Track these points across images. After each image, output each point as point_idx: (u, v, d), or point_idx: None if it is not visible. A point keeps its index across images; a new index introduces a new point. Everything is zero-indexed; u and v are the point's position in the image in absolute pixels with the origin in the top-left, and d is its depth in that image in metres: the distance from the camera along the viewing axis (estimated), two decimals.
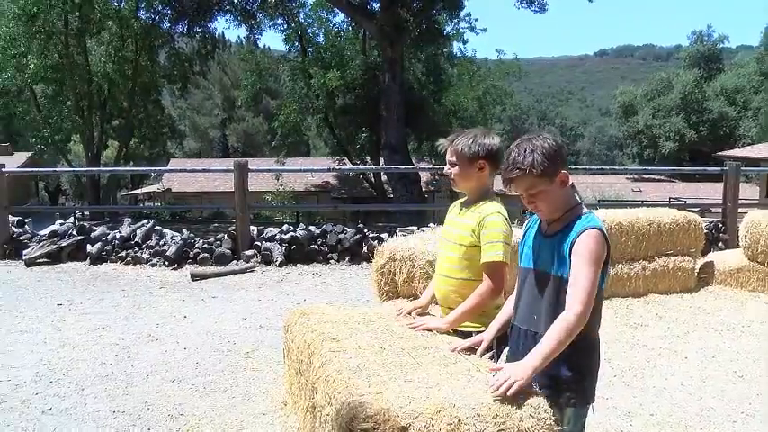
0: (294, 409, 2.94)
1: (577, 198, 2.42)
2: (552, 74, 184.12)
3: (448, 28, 28.47)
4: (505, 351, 2.58)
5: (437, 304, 3.05)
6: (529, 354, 2.19)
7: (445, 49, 29.92)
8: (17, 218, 10.27)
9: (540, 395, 2.11)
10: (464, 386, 2.12)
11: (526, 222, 2.62)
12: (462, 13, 28.06)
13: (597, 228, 2.29)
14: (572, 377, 2.31)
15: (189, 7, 25.32)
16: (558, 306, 2.32)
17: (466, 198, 3.01)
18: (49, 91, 28.78)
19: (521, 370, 2.11)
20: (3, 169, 9.89)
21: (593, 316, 2.27)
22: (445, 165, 2.96)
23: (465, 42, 32.35)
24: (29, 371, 4.97)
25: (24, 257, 8.97)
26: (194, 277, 8.16)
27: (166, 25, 27.66)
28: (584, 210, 2.39)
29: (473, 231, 2.83)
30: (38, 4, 23.94)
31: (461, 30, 29.90)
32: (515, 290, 2.56)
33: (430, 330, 2.82)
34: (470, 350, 2.58)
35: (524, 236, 2.57)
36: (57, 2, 24.59)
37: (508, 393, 2.04)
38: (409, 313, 3.01)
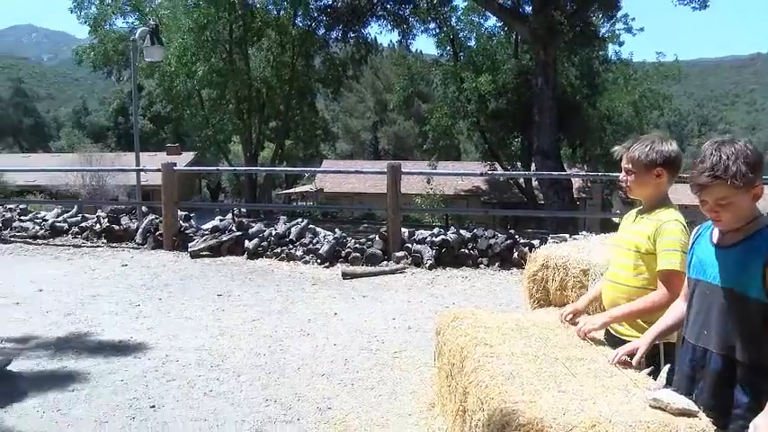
0: (442, 411, 2.95)
1: (758, 209, 2.23)
2: (716, 75, 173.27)
3: (603, 30, 27.52)
4: (665, 369, 2.45)
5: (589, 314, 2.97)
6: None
7: (600, 52, 28.92)
8: (184, 213, 11.02)
9: (702, 418, 1.99)
10: (621, 402, 2.04)
11: (695, 230, 2.46)
12: (619, 14, 27.06)
13: None
14: (748, 404, 2.09)
15: (343, 14, 26.14)
16: (733, 326, 2.16)
17: (641, 206, 2.92)
18: (213, 95, 30.72)
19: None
20: (174, 168, 10.68)
21: None
22: (620, 172, 2.90)
23: (621, 44, 31.05)
24: (193, 354, 5.33)
25: (190, 249, 9.62)
26: (345, 276, 8.37)
27: (322, 31, 28.76)
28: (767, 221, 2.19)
29: (648, 238, 2.74)
30: (207, 16, 25.70)
31: (617, 31, 28.83)
32: (686, 302, 2.41)
33: (587, 334, 2.75)
34: (625, 363, 2.48)
35: (693, 244, 2.41)
36: (223, 13, 26.27)
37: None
38: (571, 317, 2.94)
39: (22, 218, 11.48)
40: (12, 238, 10.79)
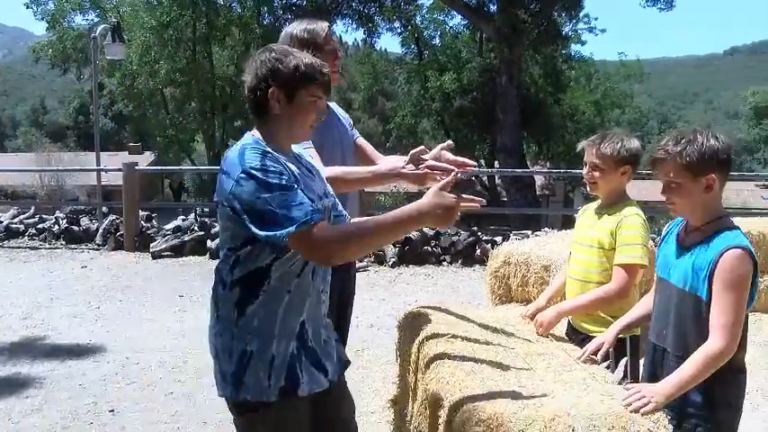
0: (404, 408, 2.94)
1: (724, 209, 2.25)
2: (676, 74, 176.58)
3: (566, 29, 27.85)
4: (623, 361, 2.48)
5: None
6: (666, 379, 2.07)
7: (563, 51, 29.26)
8: (146, 213, 10.89)
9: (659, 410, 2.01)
10: (579, 395, 2.05)
11: (666, 228, 2.48)
12: (581, 14, 27.41)
13: (741, 247, 2.09)
14: (702, 404, 2.15)
15: (308, 12, 26.03)
16: (687, 327, 2.20)
17: (600, 202, 2.94)
18: (176, 94, 30.38)
19: (657, 393, 1.99)
20: (135, 167, 10.54)
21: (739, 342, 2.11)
22: (583, 169, 2.90)
23: (583, 44, 31.53)
24: (154, 356, 5.27)
25: (151, 250, 9.50)
26: None
27: None
28: (730, 223, 2.20)
29: (611, 234, 2.77)
30: (170, 13, 25.41)
31: (580, 31, 29.21)
32: (652, 298, 2.43)
33: (544, 330, 2.76)
34: (588, 359, 2.49)
35: (661, 243, 2.43)
36: (186, 11, 26.00)
37: (641, 411, 1.93)
38: (530, 318, 2.92)
39: None
40: None
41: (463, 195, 2.07)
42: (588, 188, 2.94)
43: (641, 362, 2.59)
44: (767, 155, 51.12)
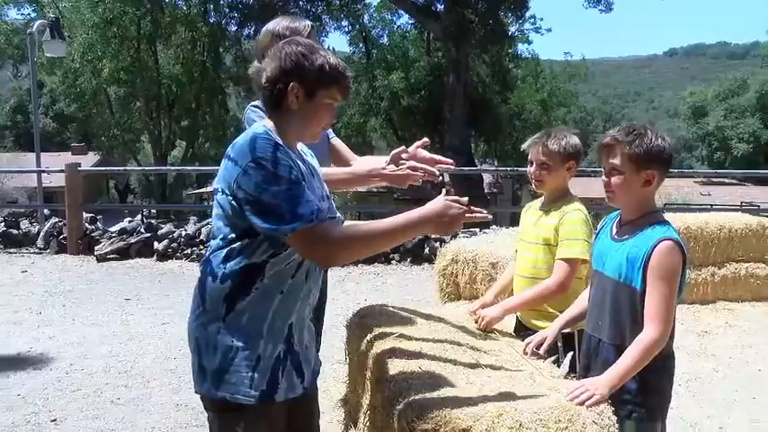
0: (354, 408, 2.95)
1: (657, 205, 2.33)
2: (619, 74, 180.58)
3: (512, 29, 28.22)
4: (569, 356, 2.53)
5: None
6: (607, 371, 2.13)
7: (510, 50, 29.66)
8: (90, 215, 10.64)
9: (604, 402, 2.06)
10: (526, 390, 2.09)
11: (601, 222, 2.56)
12: (527, 14, 27.82)
13: (673, 239, 2.18)
14: (635, 390, 2.22)
15: (255, 10, 25.80)
16: (623, 317, 2.27)
17: (543, 199, 2.98)
18: (121, 93, 29.77)
19: (600, 385, 2.05)
20: (78, 168, 10.30)
21: None
22: (526, 166, 2.94)
23: (530, 43, 32.00)
24: (100, 362, 5.15)
25: (96, 253, 9.29)
26: None
27: (234, 28, 28.28)
28: (661, 218, 2.29)
29: (556, 230, 2.81)
30: (113, 11, 24.87)
31: (526, 31, 29.64)
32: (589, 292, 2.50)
33: (486, 325, 2.79)
34: (534, 354, 2.53)
35: (597, 236, 2.51)
36: (130, 8, 25.47)
37: (586, 404, 1.98)
38: (474, 313, 2.94)
39: None
40: None
41: (472, 207, 2.04)
42: (534, 186, 2.98)
43: None
44: (705, 152, 52.60)
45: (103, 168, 26.33)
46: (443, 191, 2.09)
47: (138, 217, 11.40)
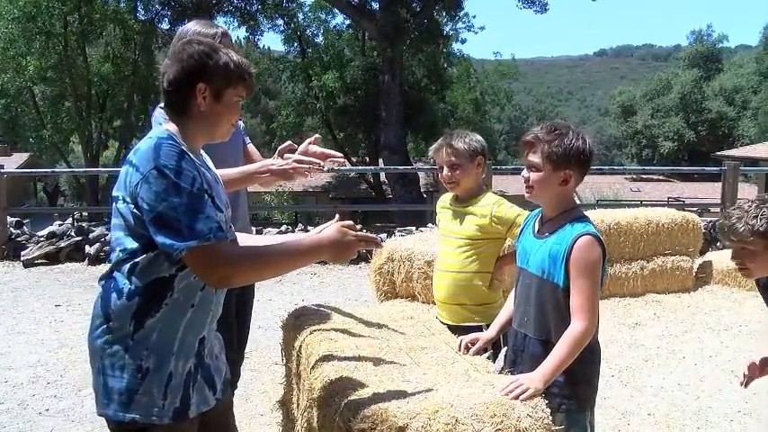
0: (293, 409, 2.93)
1: (576, 202, 2.41)
2: (552, 74, 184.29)
3: (447, 28, 28.52)
4: (503, 352, 2.57)
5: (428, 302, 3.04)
6: (540, 366, 2.17)
7: (444, 50, 29.95)
8: (15, 219, 10.26)
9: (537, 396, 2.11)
10: (462, 386, 2.11)
11: (523, 220, 2.63)
12: (461, 14, 28.13)
13: (591, 234, 2.26)
14: (563, 381, 2.27)
15: (188, 8, 25.32)
16: (548, 313, 2.33)
17: (458, 195, 3.03)
18: (48, 92, 28.80)
19: (534, 380, 2.08)
20: (1, 170, 9.90)
21: None
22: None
23: (463, 42, 32.41)
24: (26, 372, 4.97)
25: (22, 258, 8.96)
26: None
27: (166, 26, 27.69)
28: (581, 214, 2.36)
29: (479, 227, 2.89)
30: (35, 4, 23.97)
31: (459, 30, 29.98)
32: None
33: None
34: (468, 349, 2.56)
35: (520, 234, 2.56)
36: (54, 3, 24.62)
37: (521, 398, 2.01)
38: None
39: None
40: None
41: (362, 234, 2.01)
42: (449, 189, 3.03)
43: None
44: (634, 150, 54.23)
45: (29, 170, 25.39)
46: (336, 216, 2.08)
47: (69, 220, 11.03)
